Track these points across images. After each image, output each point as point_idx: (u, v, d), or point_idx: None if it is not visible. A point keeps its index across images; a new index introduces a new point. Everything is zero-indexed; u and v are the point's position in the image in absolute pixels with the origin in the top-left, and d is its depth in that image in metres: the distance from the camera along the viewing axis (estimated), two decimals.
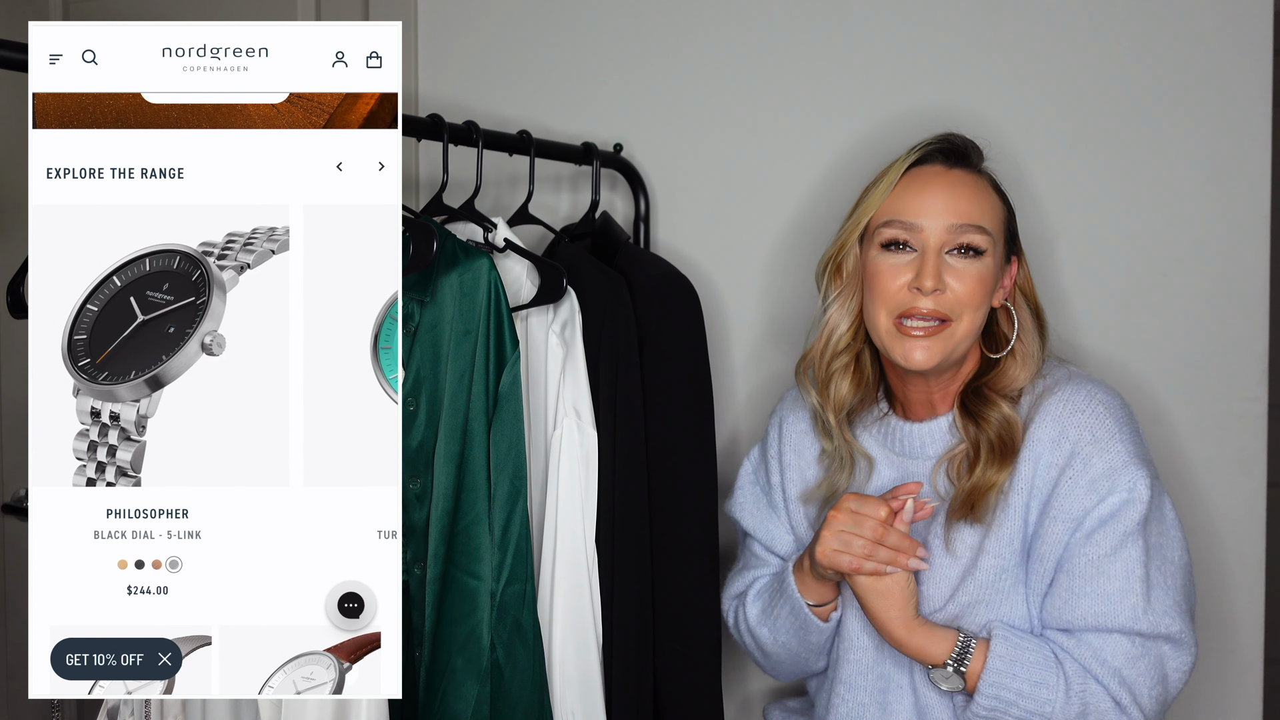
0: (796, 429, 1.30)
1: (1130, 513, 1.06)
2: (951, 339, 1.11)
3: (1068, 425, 1.09)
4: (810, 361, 1.23)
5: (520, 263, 1.35)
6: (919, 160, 1.16)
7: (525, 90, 1.74)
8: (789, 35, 1.60)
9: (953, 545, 1.14)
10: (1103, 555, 1.06)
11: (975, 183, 1.15)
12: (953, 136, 1.18)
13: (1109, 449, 1.08)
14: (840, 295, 1.20)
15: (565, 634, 1.30)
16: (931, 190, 1.13)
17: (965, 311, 1.11)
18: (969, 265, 1.11)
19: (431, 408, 1.23)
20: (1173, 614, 1.06)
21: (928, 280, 1.10)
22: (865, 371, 1.22)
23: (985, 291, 1.12)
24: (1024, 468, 1.11)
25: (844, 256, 1.19)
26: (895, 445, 1.21)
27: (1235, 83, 1.42)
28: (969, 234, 1.11)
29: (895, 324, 1.12)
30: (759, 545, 1.32)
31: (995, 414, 1.12)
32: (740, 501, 1.35)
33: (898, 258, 1.13)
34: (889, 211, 1.14)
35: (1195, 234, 1.44)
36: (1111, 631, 1.06)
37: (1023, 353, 1.16)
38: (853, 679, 1.21)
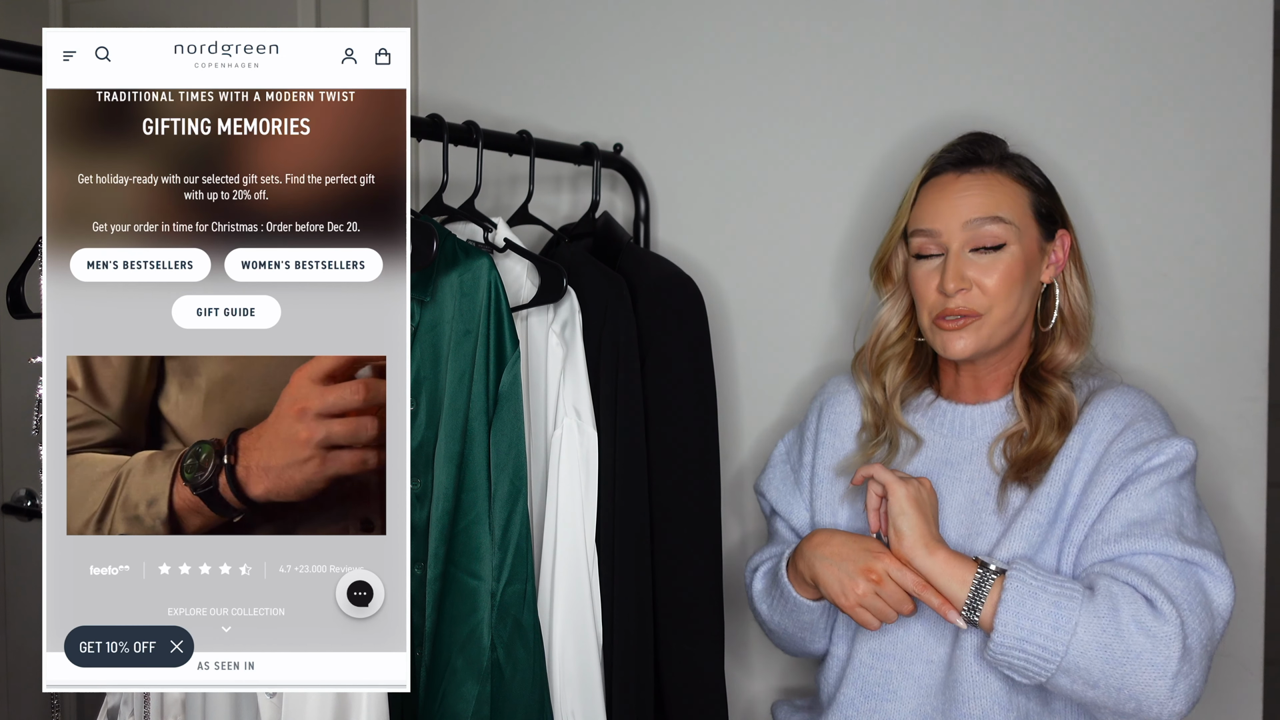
0: (835, 410, 1.36)
1: (1176, 466, 1.12)
2: (984, 329, 1.19)
3: (1120, 409, 1.17)
4: (864, 356, 1.33)
5: (520, 262, 1.35)
6: (931, 172, 1.25)
7: (525, 90, 1.74)
8: (788, 35, 1.60)
9: (1004, 506, 1.19)
10: (1144, 494, 1.11)
11: (987, 179, 1.22)
12: (960, 143, 1.26)
13: (1156, 426, 1.16)
14: (891, 298, 1.31)
15: (565, 634, 1.30)
16: (943, 198, 1.22)
17: (994, 304, 1.19)
18: (992, 260, 1.19)
19: (431, 408, 1.23)
20: (1209, 550, 1.07)
21: (949, 284, 1.19)
22: (923, 359, 1.32)
23: (1013, 280, 1.19)
24: (1074, 439, 1.17)
25: (889, 261, 1.30)
26: (944, 427, 1.27)
27: (1235, 83, 1.42)
28: (984, 227, 1.19)
29: (934, 322, 1.22)
30: (781, 522, 1.38)
31: (1055, 392, 1.20)
32: (769, 478, 1.41)
33: (929, 263, 1.23)
34: (914, 222, 1.25)
35: (1195, 234, 1.44)
36: (1146, 553, 1.07)
37: (1074, 329, 1.24)
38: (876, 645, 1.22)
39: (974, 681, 1.14)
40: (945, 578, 1.10)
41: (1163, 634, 1.01)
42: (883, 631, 1.20)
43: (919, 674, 1.19)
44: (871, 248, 1.50)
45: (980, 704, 1.14)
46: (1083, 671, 1.03)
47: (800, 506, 1.35)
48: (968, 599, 1.08)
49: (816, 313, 1.61)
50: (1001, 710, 1.13)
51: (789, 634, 1.32)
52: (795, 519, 1.35)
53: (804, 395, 1.60)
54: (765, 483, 1.41)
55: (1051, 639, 1.03)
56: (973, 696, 1.14)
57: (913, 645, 1.19)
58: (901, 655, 1.20)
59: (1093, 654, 1.02)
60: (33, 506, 1.98)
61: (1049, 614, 1.03)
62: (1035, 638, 1.03)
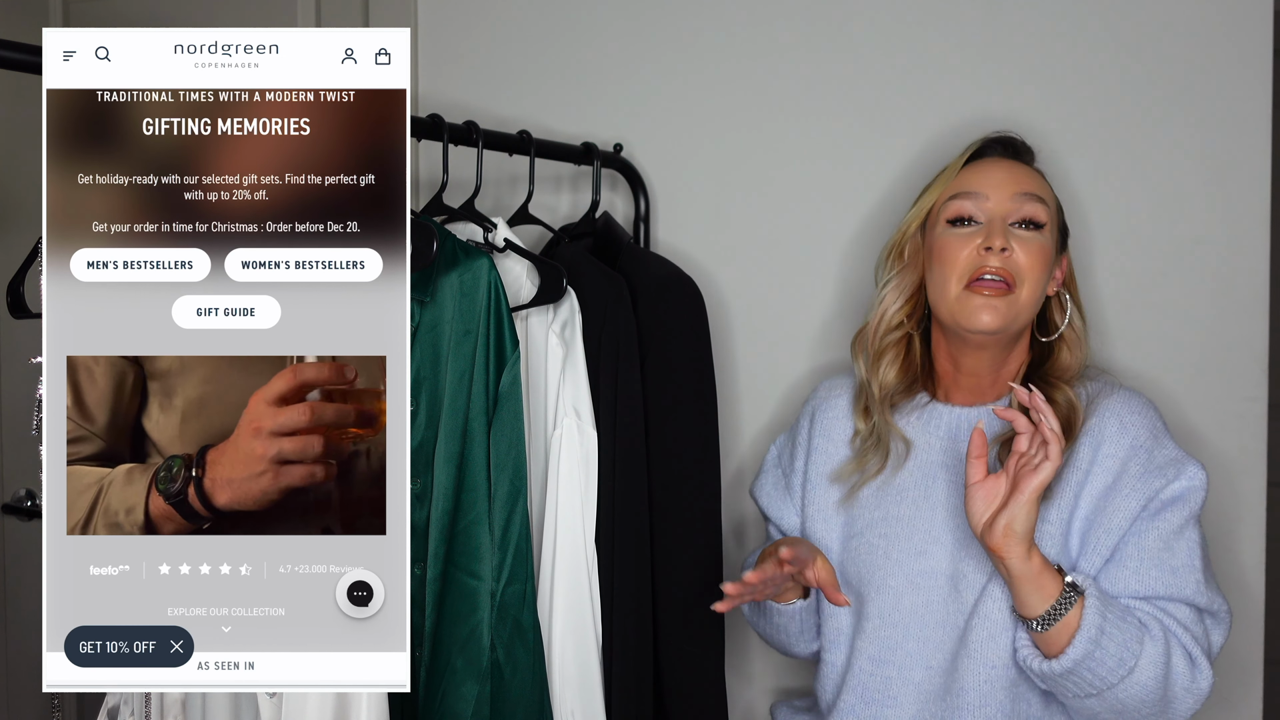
0: (829, 415, 1.34)
1: (1194, 498, 1.14)
2: (1015, 304, 1.17)
3: (1128, 421, 1.17)
4: (865, 337, 1.30)
5: (520, 263, 1.35)
6: (977, 153, 1.25)
7: (525, 90, 1.74)
8: (789, 34, 1.60)
9: None
10: (1171, 532, 1.13)
11: (1030, 170, 1.24)
12: (1006, 133, 1.27)
13: (1166, 444, 1.16)
14: (898, 276, 1.28)
15: (565, 634, 1.30)
16: (994, 169, 1.22)
17: (1027, 279, 1.17)
18: (1032, 236, 1.18)
19: (431, 408, 1.23)
20: (1218, 592, 1.15)
21: (997, 239, 1.16)
22: (914, 360, 1.28)
23: (1045, 264, 1.19)
24: (1084, 451, 1.16)
25: (905, 242, 1.27)
26: (939, 430, 1.25)
27: (1235, 83, 1.42)
28: (1031, 203, 1.19)
29: (966, 288, 1.18)
30: (773, 526, 1.37)
31: (1062, 396, 1.18)
32: (761, 483, 1.41)
33: (964, 230, 1.20)
34: (960, 185, 1.22)
35: (1195, 234, 1.44)
36: (1177, 601, 1.12)
37: (1073, 339, 1.24)
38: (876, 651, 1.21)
39: (979, 690, 1.14)
40: (1032, 585, 1.07)
41: (1195, 689, 1.09)
42: (882, 638, 1.20)
43: (918, 680, 1.18)
44: (873, 247, 1.49)
45: (984, 712, 1.14)
46: (1119, 703, 1.08)
47: (791, 511, 1.34)
48: (1044, 614, 1.07)
49: (817, 313, 1.60)
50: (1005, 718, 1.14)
51: (773, 638, 1.32)
52: (786, 524, 1.35)
53: (804, 395, 1.60)
54: (758, 488, 1.41)
55: (1112, 672, 1.06)
56: (978, 705, 1.14)
57: (912, 652, 1.19)
58: (901, 662, 1.19)
59: (1136, 693, 1.07)
60: (33, 506, 1.98)
61: (1116, 653, 1.06)
62: (1100, 669, 1.06)
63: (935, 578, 1.18)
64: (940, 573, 1.18)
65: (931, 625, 1.18)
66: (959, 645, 1.15)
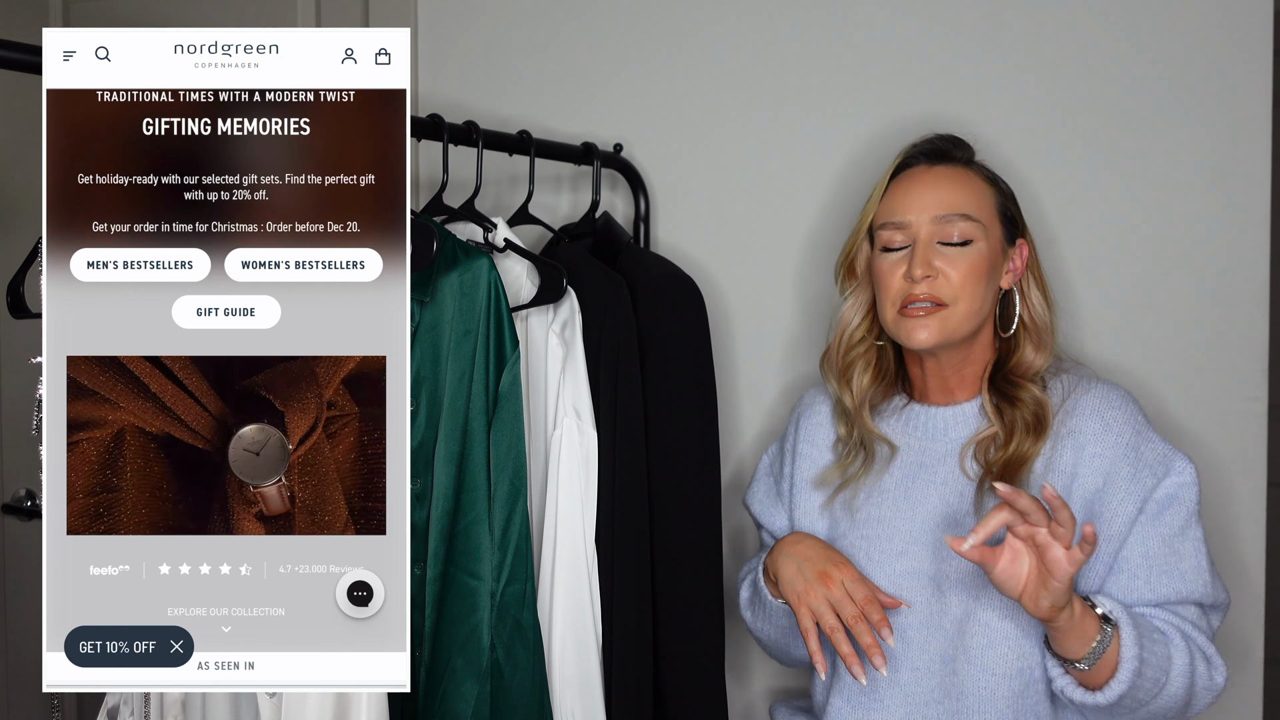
0: (812, 421, 1.35)
1: (1189, 495, 1.14)
2: (950, 320, 1.17)
3: (1110, 419, 1.16)
4: (830, 356, 1.31)
5: (520, 263, 1.35)
6: (903, 164, 1.24)
7: (525, 90, 1.74)
8: (789, 35, 1.61)
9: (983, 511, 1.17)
10: (1175, 535, 1.14)
11: (958, 175, 1.22)
12: (933, 138, 1.26)
13: (1152, 440, 1.16)
14: (853, 293, 1.29)
15: (565, 634, 1.30)
16: (915, 189, 1.21)
17: (960, 296, 1.17)
18: (960, 254, 1.18)
19: (431, 408, 1.23)
20: (1221, 585, 1.17)
21: (917, 269, 1.17)
22: (886, 364, 1.29)
23: (979, 277, 1.18)
24: (1066, 454, 1.16)
25: (854, 257, 1.28)
26: (918, 430, 1.25)
27: (1235, 83, 1.42)
28: (954, 223, 1.18)
29: (899, 312, 1.20)
30: (766, 534, 1.37)
31: (1027, 395, 1.18)
32: (754, 491, 1.41)
33: (895, 255, 1.21)
34: (882, 215, 1.23)
35: (1195, 234, 1.44)
36: (1188, 603, 1.14)
37: (1036, 335, 1.22)
38: None
39: (980, 695, 1.14)
40: (1076, 634, 1.06)
41: (1214, 686, 1.12)
42: None
43: (904, 681, 1.17)
44: None
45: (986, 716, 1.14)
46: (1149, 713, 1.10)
47: (782, 517, 1.35)
48: (1086, 654, 1.07)
49: (817, 313, 1.60)
50: None
51: (773, 640, 1.31)
52: (778, 530, 1.35)
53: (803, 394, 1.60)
54: (750, 496, 1.41)
55: (1148, 692, 1.09)
56: (978, 710, 1.14)
57: (896, 653, 1.17)
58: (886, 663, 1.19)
59: (1165, 703, 1.10)
60: (33, 506, 1.98)
61: (1152, 675, 1.08)
62: (1139, 693, 1.08)
63: (917, 578, 1.18)
64: (922, 573, 1.18)
65: (915, 626, 1.17)
66: (953, 649, 1.15)
